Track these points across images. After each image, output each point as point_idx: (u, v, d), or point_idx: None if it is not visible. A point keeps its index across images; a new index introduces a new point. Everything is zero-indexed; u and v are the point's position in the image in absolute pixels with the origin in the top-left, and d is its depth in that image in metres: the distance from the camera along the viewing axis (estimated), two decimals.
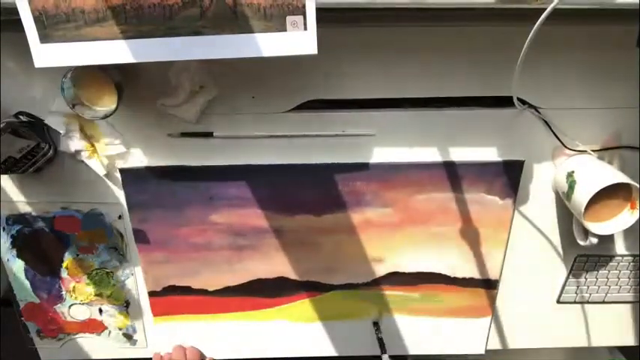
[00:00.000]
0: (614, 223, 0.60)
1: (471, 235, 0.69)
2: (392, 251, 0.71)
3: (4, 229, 0.69)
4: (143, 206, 0.66)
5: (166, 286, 0.73)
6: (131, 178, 0.64)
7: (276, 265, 0.71)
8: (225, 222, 0.67)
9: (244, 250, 0.70)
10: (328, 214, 0.67)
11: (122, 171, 0.63)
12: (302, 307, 0.75)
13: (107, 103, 0.54)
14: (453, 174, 0.64)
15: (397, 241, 0.70)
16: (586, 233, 0.64)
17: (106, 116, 0.54)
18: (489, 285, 0.73)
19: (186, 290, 0.73)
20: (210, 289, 0.73)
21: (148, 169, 0.63)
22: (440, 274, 0.72)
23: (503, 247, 0.70)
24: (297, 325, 0.77)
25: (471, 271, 0.72)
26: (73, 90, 0.52)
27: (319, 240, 0.69)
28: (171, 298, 0.74)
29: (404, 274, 0.72)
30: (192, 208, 0.66)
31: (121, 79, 0.54)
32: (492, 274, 0.73)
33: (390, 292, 0.74)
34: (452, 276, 0.73)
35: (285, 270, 0.72)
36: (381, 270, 0.72)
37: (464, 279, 0.73)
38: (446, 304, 0.75)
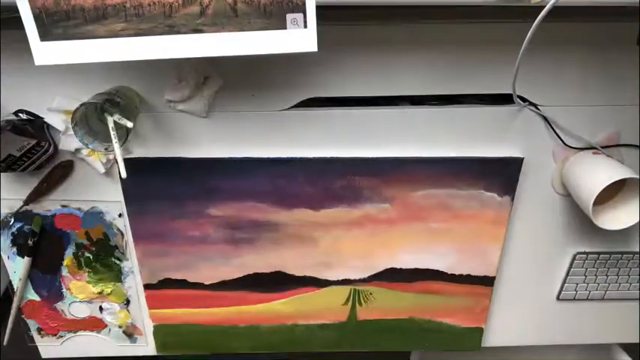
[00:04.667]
0: (623, 218, 0.60)
1: (468, 232, 0.69)
2: (389, 247, 0.71)
3: (4, 227, 0.69)
4: (140, 197, 0.66)
5: (162, 279, 0.73)
6: (129, 168, 0.63)
7: (273, 259, 0.71)
8: (223, 215, 0.67)
9: (241, 244, 0.70)
10: (326, 209, 0.67)
11: None
12: (298, 302, 0.75)
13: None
14: (451, 170, 0.64)
15: (395, 237, 0.70)
16: None
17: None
18: (486, 282, 0.74)
19: (182, 284, 0.73)
20: (206, 282, 0.73)
21: (146, 160, 0.63)
22: (437, 271, 0.72)
23: (500, 244, 0.70)
24: (293, 320, 0.77)
25: (467, 268, 0.72)
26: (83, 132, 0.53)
27: (317, 235, 0.69)
28: (166, 291, 0.74)
29: (401, 270, 0.72)
30: (189, 201, 0.66)
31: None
32: (489, 271, 0.73)
33: (387, 289, 0.74)
34: (449, 272, 0.73)
35: (282, 265, 0.72)
36: (378, 266, 0.72)
37: (460, 276, 0.73)
38: (442, 301, 0.75)
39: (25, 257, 0.70)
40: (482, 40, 0.57)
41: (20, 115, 0.60)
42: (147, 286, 0.73)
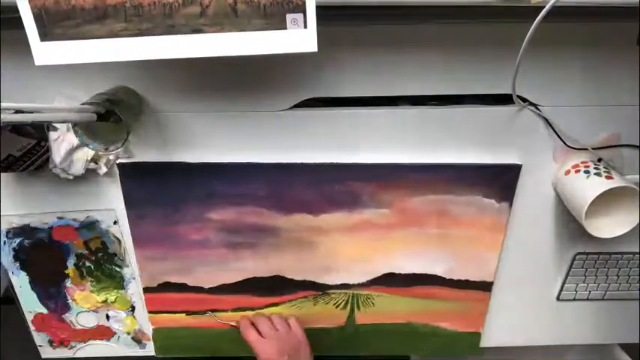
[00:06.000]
0: (616, 226, 0.60)
1: (466, 238, 0.69)
2: (388, 252, 0.71)
3: (4, 242, 0.70)
4: (141, 201, 0.66)
5: (162, 283, 0.73)
6: (129, 172, 0.64)
7: (272, 263, 0.71)
8: (222, 219, 0.67)
9: (240, 248, 0.70)
10: (325, 214, 0.67)
11: (120, 166, 0.63)
12: (297, 306, 0.75)
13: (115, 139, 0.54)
14: (450, 177, 0.64)
15: (393, 242, 0.70)
16: None
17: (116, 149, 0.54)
18: (484, 287, 0.74)
19: (182, 287, 0.73)
20: (206, 286, 0.73)
21: (146, 164, 0.63)
22: (435, 276, 0.73)
23: (498, 250, 0.70)
24: None
25: (465, 273, 0.72)
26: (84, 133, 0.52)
27: (316, 239, 0.69)
28: (166, 294, 0.74)
29: (399, 275, 0.72)
30: (189, 205, 0.66)
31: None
32: (487, 277, 0.73)
33: (385, 293, 0.74)
34: (447, 278, 0.73)
35: (281, 269, 0.72)
36: (376, 270, 0.72)
37: (459, 281, 0.73)
38: (440, 306, 0.75)
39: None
40: (482, 40, 0.57)
41: None
42: (146, 290, 0.73)
